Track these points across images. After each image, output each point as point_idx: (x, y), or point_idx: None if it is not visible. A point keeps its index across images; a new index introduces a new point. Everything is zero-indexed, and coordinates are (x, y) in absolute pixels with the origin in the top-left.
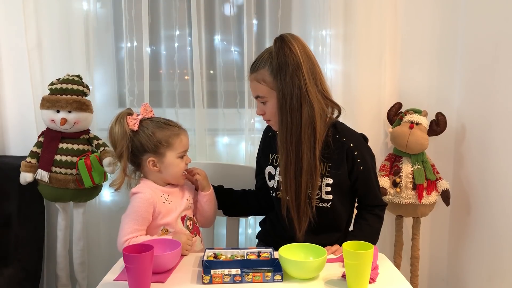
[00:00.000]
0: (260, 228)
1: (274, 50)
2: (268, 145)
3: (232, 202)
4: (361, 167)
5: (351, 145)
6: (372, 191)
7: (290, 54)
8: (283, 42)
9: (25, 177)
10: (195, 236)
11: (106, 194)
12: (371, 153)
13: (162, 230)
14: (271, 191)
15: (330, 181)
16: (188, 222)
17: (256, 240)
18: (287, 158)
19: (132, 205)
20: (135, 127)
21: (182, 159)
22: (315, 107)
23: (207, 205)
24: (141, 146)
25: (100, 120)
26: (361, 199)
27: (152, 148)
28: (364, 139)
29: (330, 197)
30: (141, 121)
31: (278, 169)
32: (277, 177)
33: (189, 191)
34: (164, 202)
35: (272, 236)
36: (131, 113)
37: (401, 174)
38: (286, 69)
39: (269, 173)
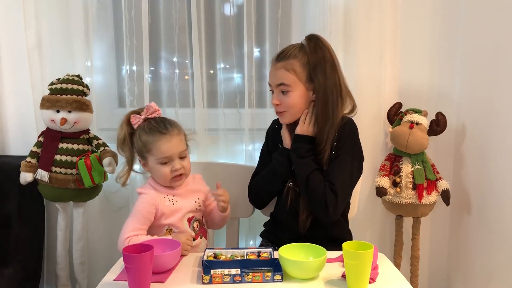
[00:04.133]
0: (263, 228)
1: (311, 45)
2: (279, 137)
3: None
4: (336, 153)
5: (345, 130)
6: (335, 174)
7: (326, 50)
8: (318, 40)
9: (25, 177)
10: (201, 237)
11: (106, 194)
12: (358, 145)
13: (166, 230)
14: None
15: None
16: (195, 224)
17: (260, 239)
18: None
19: (136, 204)
20: (135, 126)
21: (165, 165)
22: (345, 103)
23: (220, 220)
24: (134, 147)
25: (100, 120)
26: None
27: (138, 150)
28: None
29: None
30: (144, 120)
31: None
32: None
33: (200, 194)
34: (167, 203)
35: (275, 232)
36: (139, 112)
37: (401, 174)
38: (325, 65)
39: None
